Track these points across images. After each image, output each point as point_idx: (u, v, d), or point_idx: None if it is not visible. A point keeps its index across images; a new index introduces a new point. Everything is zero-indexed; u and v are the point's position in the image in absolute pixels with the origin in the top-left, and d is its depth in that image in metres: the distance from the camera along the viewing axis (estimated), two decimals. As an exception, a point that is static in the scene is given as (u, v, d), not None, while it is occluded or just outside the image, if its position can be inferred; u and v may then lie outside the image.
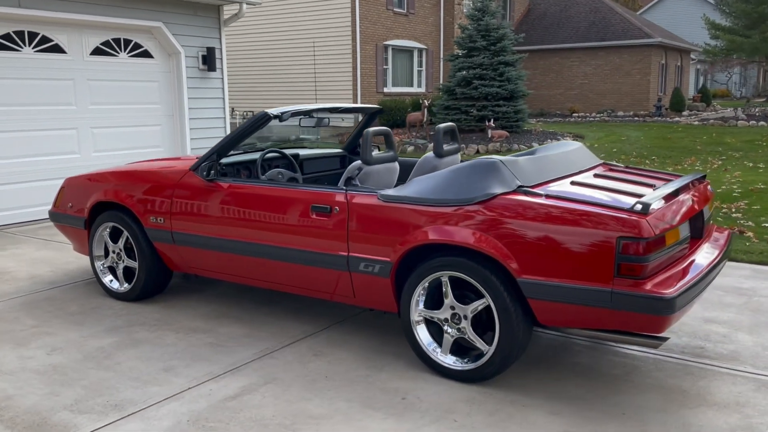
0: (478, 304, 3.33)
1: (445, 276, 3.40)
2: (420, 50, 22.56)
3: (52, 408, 3.19)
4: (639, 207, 3.04)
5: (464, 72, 17.37)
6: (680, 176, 3.96)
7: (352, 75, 19.50)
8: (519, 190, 3.30)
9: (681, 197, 3.44)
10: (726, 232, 4.05)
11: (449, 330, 3.46)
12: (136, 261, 4.65)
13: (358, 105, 4.99)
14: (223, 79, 9.47)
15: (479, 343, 3.37)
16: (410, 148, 16.60)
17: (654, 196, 3.19)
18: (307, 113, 4.49)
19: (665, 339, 3.10)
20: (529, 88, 27.62)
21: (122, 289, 4.76)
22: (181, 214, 4.37)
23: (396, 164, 4.21)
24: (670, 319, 2.96)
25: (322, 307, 4.61)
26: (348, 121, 17.34)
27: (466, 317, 3.39)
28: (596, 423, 3.02)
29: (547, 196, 3.24)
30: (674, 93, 27.21)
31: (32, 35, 7.52)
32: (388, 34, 20.78)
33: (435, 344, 3.53)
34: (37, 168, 7.70)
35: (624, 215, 3.01)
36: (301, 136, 15.94)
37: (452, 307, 3.43)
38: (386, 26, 20.65)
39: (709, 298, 4.77)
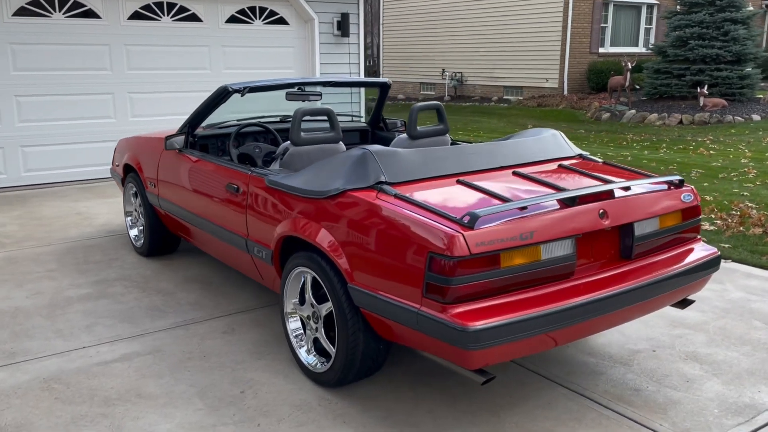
0: (328, 305, 3.09)
1: (307, 272, 3.19)
2: (650, 6, 20.35)
3: (-32, 347, 3.66)
4: (467, 219, 2.55)
5: (680, 31, 15.36)
6: (649, 176, 3.22)
7: (561, 34, 18.33)
8: (375, 186, 2.95)
9: (578, 207, 2.79)
10: (707, 254, 3.19)
11: (308, 328, 3.26)
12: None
13: (358, 79, 4.74)
14: (358, 44, 9.55)
15: (328, 347, 3.13)
16: (606, 115, 15.28)
17: (511, 205, 2.64)
18: (270, 88, 4.38)
19: (490, 376, 2.60)
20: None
21: (138, 243, 5.20)
22: (163, 182, 4.62)
23: (341, 145, 3.95)
24: (478, 355, 2.46)
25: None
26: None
27: (321, 317, 3.16)
28: (396, 457, 2.67)
29: (396, 197, 2.85)
30: None
31: (170, 5, 8.29)
32: (609, -11, 19.07)
33: (304, 340, 3.35)
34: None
35: (442, 226, 2.55)
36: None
37: (312, 305, 3.22)
38: (607, -20, 18.95)
39: (732, 328, 3.83)
